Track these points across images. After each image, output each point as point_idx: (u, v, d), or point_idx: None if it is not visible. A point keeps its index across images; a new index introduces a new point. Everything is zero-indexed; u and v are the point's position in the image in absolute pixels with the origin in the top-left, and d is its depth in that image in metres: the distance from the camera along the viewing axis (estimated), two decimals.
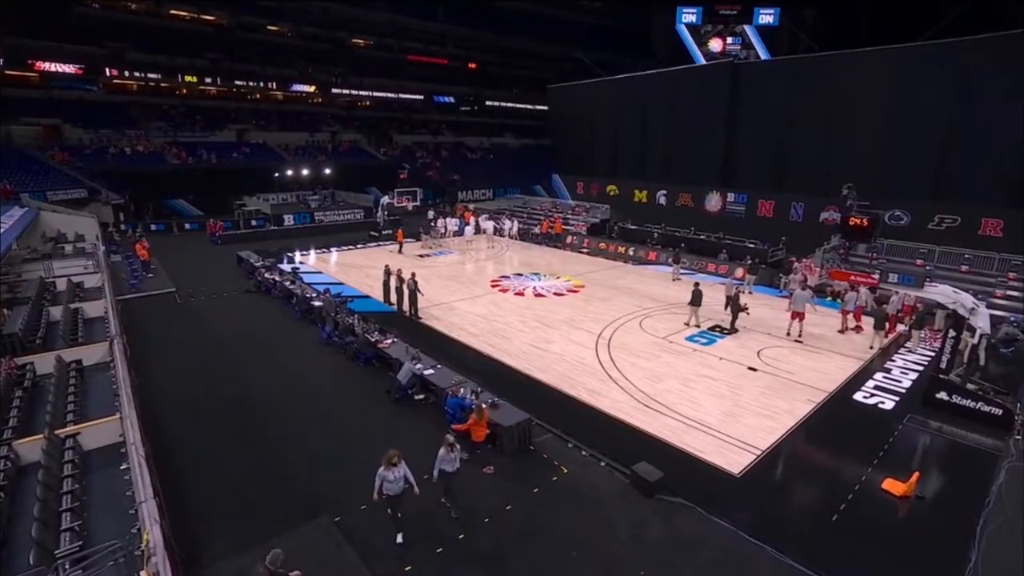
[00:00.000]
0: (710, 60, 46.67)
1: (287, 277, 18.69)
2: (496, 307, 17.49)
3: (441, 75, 61.75)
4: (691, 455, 9.33)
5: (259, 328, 15.36)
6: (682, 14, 48.46)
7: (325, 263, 23.79)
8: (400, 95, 60.93)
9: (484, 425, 8.66)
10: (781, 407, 11.15)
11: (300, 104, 52.66)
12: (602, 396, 11.35)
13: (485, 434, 8.72)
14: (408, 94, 61.34)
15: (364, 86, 57.25)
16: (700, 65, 44.01)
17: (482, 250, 26.91)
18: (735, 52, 52.38)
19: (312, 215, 33.44)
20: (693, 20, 48.31)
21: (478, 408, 8.73)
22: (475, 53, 60.65)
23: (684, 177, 38.32)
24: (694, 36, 49.28)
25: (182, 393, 11.39)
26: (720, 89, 41.10)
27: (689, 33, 48.83)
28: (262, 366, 12.82)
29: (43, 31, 36.38)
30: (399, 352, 12.02)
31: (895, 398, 11.64)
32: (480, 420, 8.59)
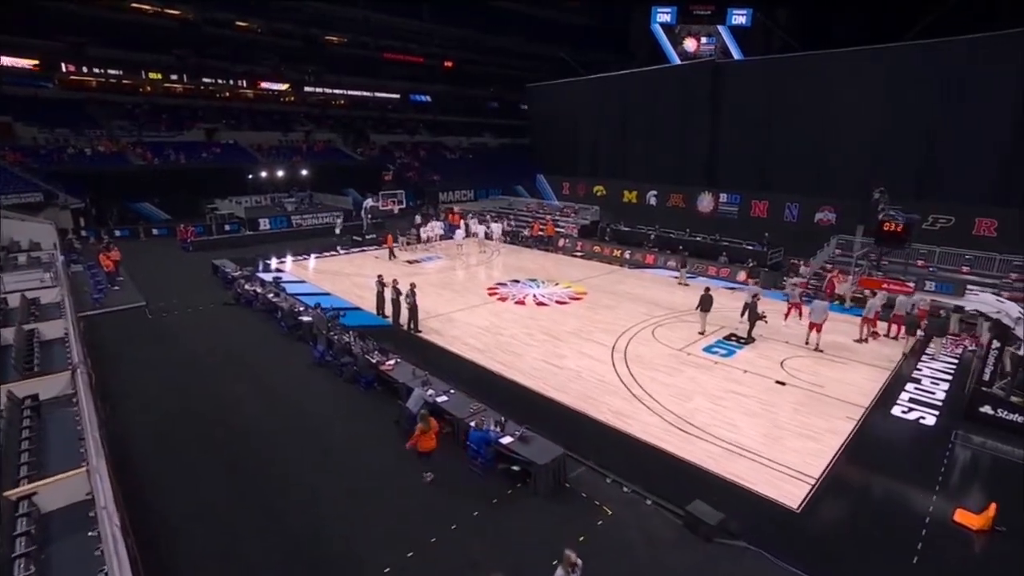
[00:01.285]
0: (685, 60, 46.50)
1: (269, 288, 17.26)
2: (498, 318, 16.43)
3: (418, 73, 60.28)
4: (740, 487, 8.46)
5: (242, 346, 13.96)
6: (656, 14, 48.14)
7: (307, 271, 22.32)
8: (376, 94, 59.34)
9: (433, 435, 8.24)
10: (820, 426, 10.40)
11: (272, 103, 50.59)
12: (630, 419, 10.41)
13: (434, 445, 8.28)
14: (384, 93, 59.76)
15: (339, 84, 55.49)
16: (681, 64, 43.69)
17: (472, 255, 25.78)
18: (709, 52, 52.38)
19: (289, 219, 31.79)
20: (668, 20, 48.00)
21: (423, 417, 8.25)
22: (452, 51, 59.26)
23: (667, 177, 37.88)
24: (669, 36, 49.02)
25: (160, 428, 10.01)
26: (701, 88, 40.90)
27: (664, 33, 48.56)
28: (250, 393, 11.48)
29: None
30: (405, 375, 10.85)
31: (934, 412, 11.02)
32: (428, 430, 8.15)
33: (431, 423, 8.27)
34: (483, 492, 8.20)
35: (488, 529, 7.46)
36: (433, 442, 8.29)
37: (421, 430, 8.19)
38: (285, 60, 49.39)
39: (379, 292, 16.13)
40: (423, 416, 8.31)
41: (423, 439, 8.21)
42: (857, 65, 32.58)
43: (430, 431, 8.22)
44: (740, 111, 38.69)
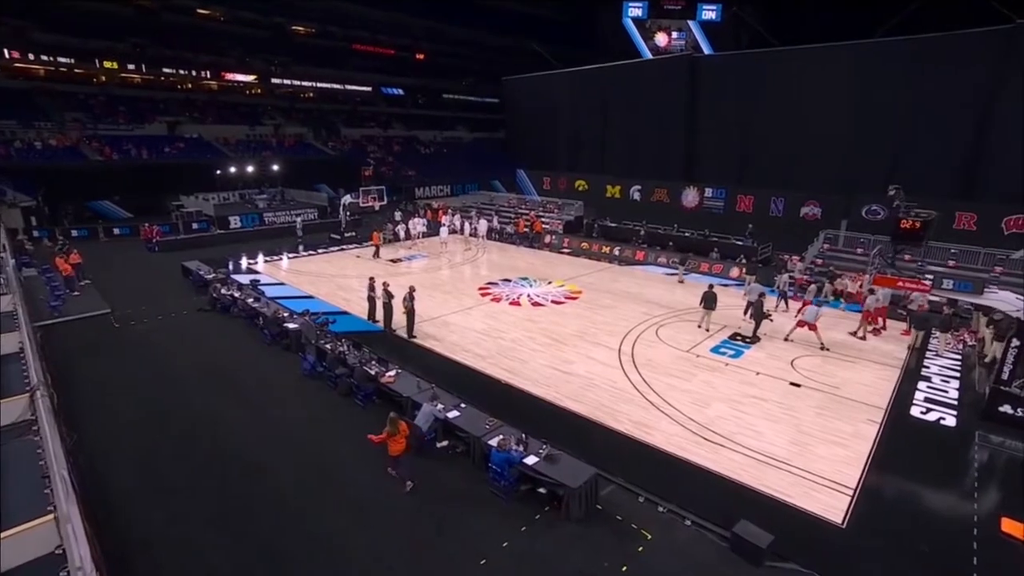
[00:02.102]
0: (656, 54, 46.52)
1: (249, 293, 16.09)
2: (495, 320, 15.69)
3: (389, 66, 58.61)
4: (778, 501, 7.99)
5: (223, 358, 12.84)
6: (628, 8, 47.95)
7: (285, 272, 21.06)
8: (346, 86, 57.56)
9: (402, 438, 7.83)
10: (845, 431, 10.06)
11: (238, 95, 48.38)
12: (652, 429, 9.85)
13: (403, 447, 7.88)
14: (355, 85, 57.98)
15: (307, 76, 53.54)
16: (658, 58, 43.59)
17: (457, 253, 24.91)
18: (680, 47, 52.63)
19: (261, 216, 30.25)
20: (639, 14, 47.88)
21: (392, 421, 7.84)
22: (423, 43, 57.82)
23: (647, 171, 37.84)
24: (640, 30, 48.95)
25: (136, 456, 8.95)
26: (679, 83, 40.93)
27: (636, 27, 48.43)
28: (236, 411, 10.47)
29: None
30: (408, 388, 10.04)
31: (952, 412, 10.83)
32: (396, 433, 7.75)
33: (400, 427, 7.84)
34: (508, 518, 7.51)
35: (522, 561, 6.77)
36: (403, 445, 7.88)
37: (389, 434, 7.77)
38: (251, 50, 47.27)
39: (370, 296, 15.16)
40: (392, 420, 7.87)
41: (393, 443, 7.82)
42: (829, 60, 33.01)
43: (399, 435, 7.81)
44: (718, 105, 38.84)
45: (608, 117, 45.88)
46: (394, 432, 7.76)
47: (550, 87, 50.93)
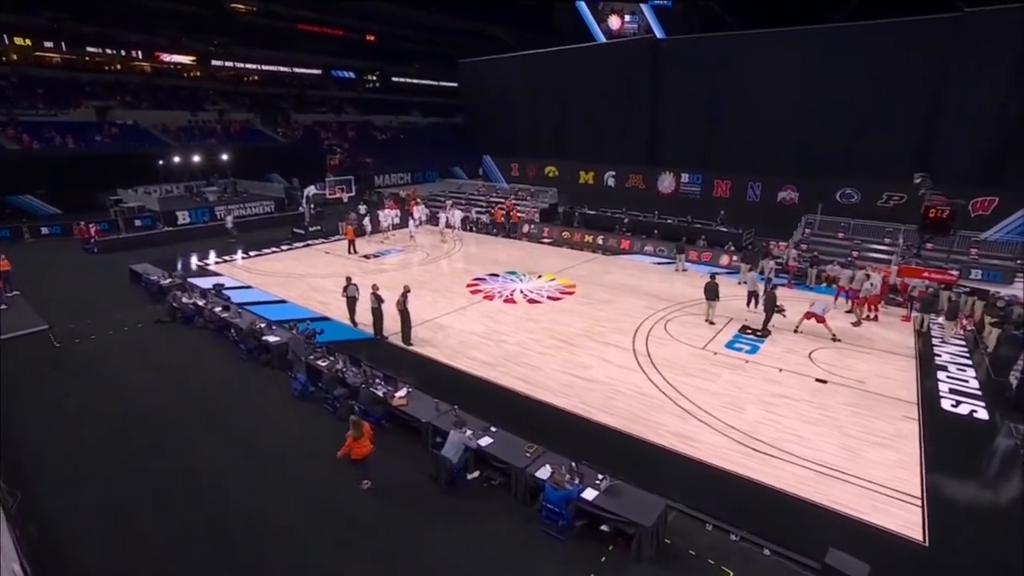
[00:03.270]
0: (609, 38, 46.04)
1: (214, 300, 14.29)
2: (492, 320, 14.58)
3: (338, 48, 55.47)
4: (850, 518, 7.38)
5: (195, 380, 11.17)
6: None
7: (249, 272, 19.10)
8: (294, 69, 54.09)
9: (367, 441, 7.55)
10: (887, 431, 9.63)
11: (175, 78, 44.47)
12: (695, 441, 9.09)
13: (369, 450, 7.60)
14: (303, 68, 54.58)
15: (251, 58, 49.83)
16: (619, 41, 43.00)
17: (432, 246, 23.48)
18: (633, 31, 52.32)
19: (212, 210, 27.69)
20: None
21: (355, 423, 7.50)
22: (375, 24, 54.96)
23: (610, 156, 37.45)
24: (593, 13, 48.25)
25: (106, 518, 7.38)
26: (641, 66, 40.60)
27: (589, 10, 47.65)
28: (224, 448, 8.97)
29: None
30: (426, 411, 8.84)
31: (980, 403, 10.64)
32: (360, 436, 7.43)
33: (363, 429, 7.51)
34: (571, 562, 6.55)
35: None
36: (368, 447, 7.58)
37: (353, 438, 7.43)
38: (187, 29, 43.36)
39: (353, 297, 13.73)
40: (355, 423, 7.52)
41: (358, 447, 7.49)
42: (786, 44, 33.37)
43: (363, 437, 7.48)
44: (680, 89, 38.83)
45: (569, 101, 45.14)
46: (358, 435, 7.43)
47: (508, 71, 49.64)
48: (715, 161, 33.56)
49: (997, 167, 28.17)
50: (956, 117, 29.36)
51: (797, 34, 33.27)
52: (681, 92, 39.05)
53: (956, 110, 29.30)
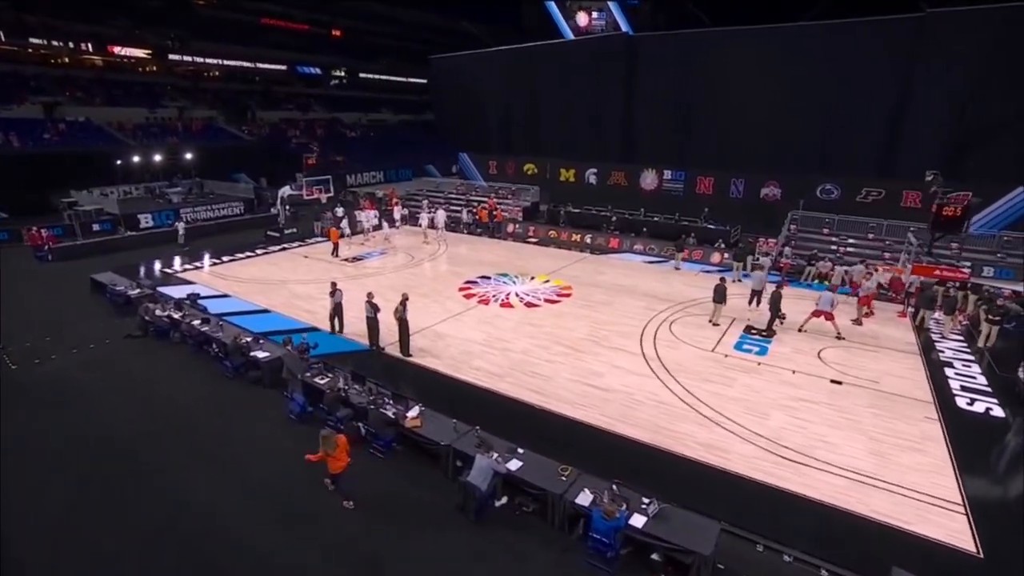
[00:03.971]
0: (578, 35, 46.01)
1: (192, 312, 13.20)
2: (491, 326, 13.95)
3: (303, 43, 53.56)
4: (897, 529, 7.10)
5: (177, 403, 10.17)
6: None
7: (224, 279, 17.88)
8: (258, 65, 51.95)
9: (343, 453, 7.20)
10: (911, 433, 9.47)
11: (129, 72, 42.02)
12: (725, 452, 8.69)
13: (345, 464, 7.26)
14: (267, 64, 52.51)
15: (211, 53, 47.62)
16: (593, 37, 42.85)
17: (418, 248, 22.62)
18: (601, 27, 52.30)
19: (177, 212, 26.10)
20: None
21: (326, 439, 7.13)
22: (341, 19, 53.35)
23: (584, 154, 37.25)
24: (561, 10, 48.12)
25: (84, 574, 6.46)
26: (616, 62, 40.45)
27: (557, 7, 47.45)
28: (213, 479, 8.08)
29: None
30: (443, 432, 8.16)
31: (993, 400, 10.64)
32: (333, 451, 7.08)
33: (337, 442, 7.15)
34: None
35: None
36: (344, 461, 7.26)
37: (326, 453, 7.12)
38: (142, 22, 41.02)
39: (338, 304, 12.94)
40: (325, 438, 7.16)
41: (333, 461, 7.18)
42: (757, 42, 33.77)
43: (337, 450, 7.13)
44: (655, 85, 38.85)
45: (543, 98, 44.71)
46: (331, 450, 7.09)
47: (480, 67, 48.81)
48: (689, 158, 33.64)
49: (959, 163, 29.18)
50: (922, 115, 30.22)
51: (769, 32, 33.63)
52: (655, 88, 39.08)
53: (922, 108, 30.16)
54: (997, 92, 27.95)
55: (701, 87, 36.38)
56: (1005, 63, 27.35)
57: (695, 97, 36.82)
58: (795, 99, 33.14)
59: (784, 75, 33.19)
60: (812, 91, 32.48)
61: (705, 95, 36.30)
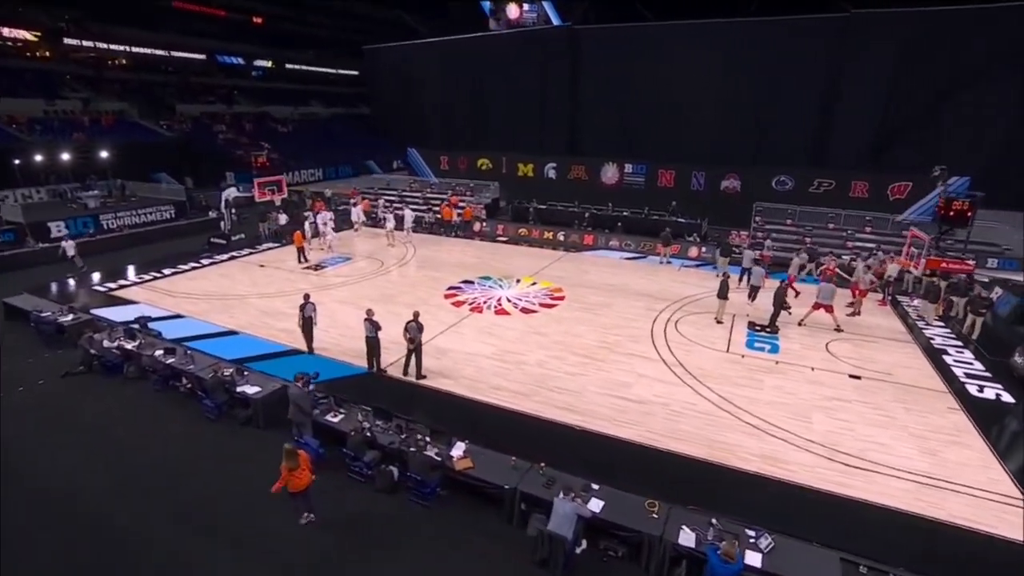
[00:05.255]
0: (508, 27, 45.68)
1: (151, 342, 11.24)
2: (495, 337, 12.97)
3: (223, 30, 49.26)
4: (982, 534, 6.96)
5: (148, 457, 8.44)
6: None
7: (172, 296, 15.59)
8: (171, 53, 47.20)
9: (305, 469, 6.71)
10: (944, 425, 9.57)
11: (14, 58, 36.63)
12: (784, 463, 8.30)
13: (308, 480, 6.78)
14: (183, 52, 47.85)
15: (115, 38, 42.64)
16: (536, 29, 42.46)
17: (383, 251, 21.05)
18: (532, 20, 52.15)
19: (96, 219, 22.90)
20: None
21: (289, 453, 6.57)
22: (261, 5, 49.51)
23: (532, 147, 36.79)
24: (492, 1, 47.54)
25: None
26: (560, 55, 40.20)
27: None
28: (220, 559, 6.63)
29: None
30: (498, 471, 7.17)
31: (997, 385, 11.02)
32: (296, 467, 6.57)
33: (299, 458, 6.63)
34: None
35: None
36: (307, 477, 6.77)
37: (288, 469, 6.59)
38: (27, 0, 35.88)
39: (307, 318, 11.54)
40: (288, 452, 6.59)
41: (295, 478, 6.65)
42: (696, 37, 34.67)
43: (300, 467, 6.62)
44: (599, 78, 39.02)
45: (486, 91, 43.80)
46: (294, 466, 6.59)
47: (419, 58, 47.06)
48: (637, 151, 33.92)
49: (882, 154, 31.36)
50: (851, 109, 32.13)
51: (709, 27, 34.50)
52: (600, 81, 39.24)
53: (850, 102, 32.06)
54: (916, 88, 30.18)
55: (644, 80, 36.81)
56: (922, 61, 29.53)
57: (640, 90, 37.23)
58: (735, 93, 34.33)
59: (724, 69, 34.25)
60: (750, 85, 33.76)
61: (649, 88, 36.78)
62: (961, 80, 29.03)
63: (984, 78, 28.32)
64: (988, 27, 27.53)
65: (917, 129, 31.14)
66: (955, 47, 28.63)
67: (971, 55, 28.33)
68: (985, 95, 28.49)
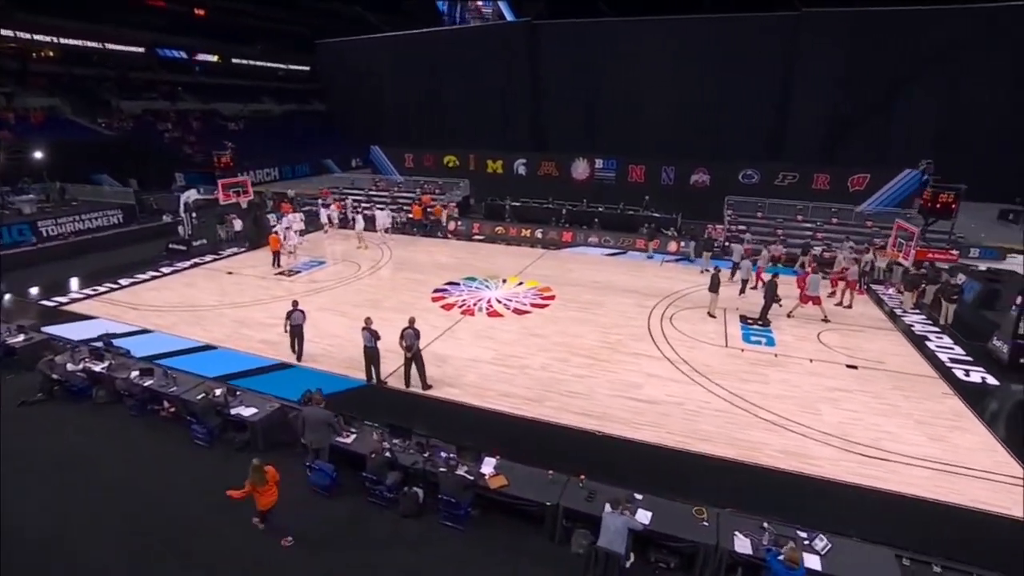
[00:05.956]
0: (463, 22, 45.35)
1: (123, 362, 10.22)
2: (493, 340, 12.57)
3: (162, 22, 46.31)
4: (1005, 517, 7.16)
5: (137, 494, 7.60)
6: None
7: (136, 309, 14.34)
8: (106, 45, 43.92)
9: (272, 486, 6.45)
10: (943, 411, 9.92)
11: None
12: (810, 458, 8.33)
13: (275, 498, 6.50)
14: (118, 44, 44.62)
15: (41, 28, 39.27)
16: (495, 23, 42.15)
17: (355, 254, 20.19)
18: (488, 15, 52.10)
19: (33, 226, 20.94)
20: None
21: (256, 469, 6.29)
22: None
23: (493, 143, 36.55)
24: None
25: None
26: (518, 51, 39.99)
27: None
28: None
29: None
30: (534, 486, 6.82)
31: (979, 368, 11.53)
32: (262, 484, 6.31)
33: (266, 474, 6.36)
34: None
35: None
36: (274, 495, 6.49)
37: (253, 486, 6.31)
38: None
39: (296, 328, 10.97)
40: (255, 468, 6.31)
41: (262, 495, 6.38)
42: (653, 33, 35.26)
43: (267, 484, 6.37)
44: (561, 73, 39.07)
45: (446, 86, 43.07)
46: (261, 482, 6.33)
47: (376, 53, 45.73)
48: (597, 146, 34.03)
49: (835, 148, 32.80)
50: (804, 104, 33.41)
51: (666, 23, 35.05)
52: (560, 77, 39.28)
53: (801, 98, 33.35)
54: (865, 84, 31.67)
55: (606, 76, 37.12)
56: (869, 58, 30.98)
57: (602, 86, 37.50)
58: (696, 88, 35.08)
59: (683, 65, 34.92)
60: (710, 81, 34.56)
61: (611, 84, 37.12)
62: (906, 77, 30.61)
63: (927, 74, 30.00)
64: (929, 27, 29.12)
65: (866, 123, 32.73)
66: (900, 46, 30.18)
67: (914, 53, 29.93)
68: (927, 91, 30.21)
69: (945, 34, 28.88)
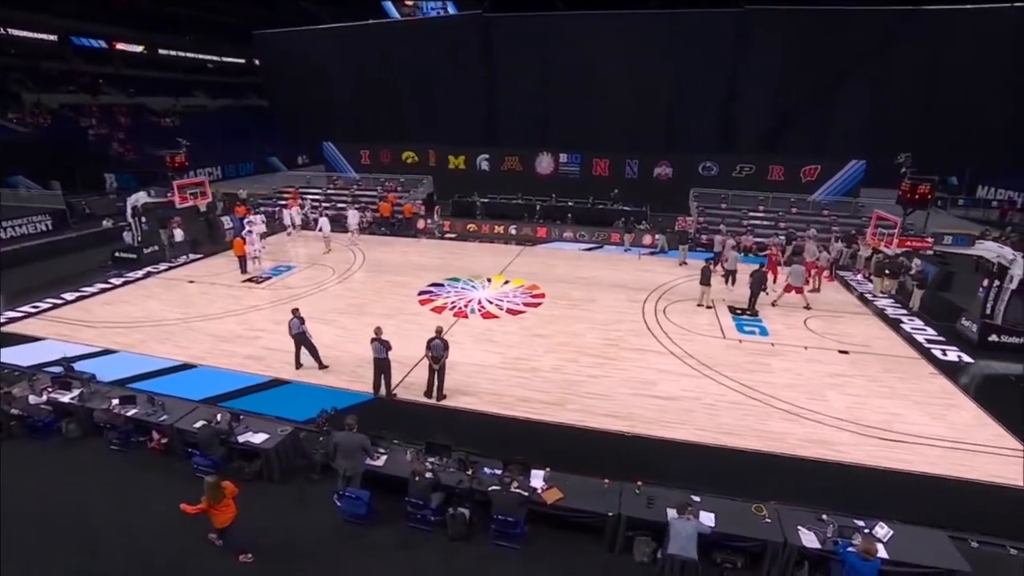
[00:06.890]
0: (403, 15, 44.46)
1: (100, 390, 9.13)
2: (495, 343, 12.24)
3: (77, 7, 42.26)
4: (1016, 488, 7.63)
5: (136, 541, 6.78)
6: None
7: (92, 327, 12.87)
8: (8, 31, 39.75)
9: (230, 501, 6.28)
10: (934, 390, 10.54)
11: None
12: (833, 445, 8.59)
13: (233, 515, 6.33)
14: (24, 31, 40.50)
15: None
16: (448, 16, 41.24)
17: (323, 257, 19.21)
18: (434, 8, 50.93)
19: None
20: None
21: (212, 485, 6.14)
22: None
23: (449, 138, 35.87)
24: None
25: None
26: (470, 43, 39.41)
27: None
28: None
29: None
30: (589, 497, 6.60)
31: (954, 348, 12.29)
32: (219, 501, 6.16)
33: (224, 489, 6.21)
34: None
35: None
36: (232, 512, 6.33)
37: (210, 504, 6.13)
38: None
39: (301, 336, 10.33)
40: (211, 485, 6.15)
41: (218, 513, 6.22)
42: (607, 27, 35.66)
43: (224, 500, 6.21)
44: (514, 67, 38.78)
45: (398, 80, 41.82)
46: (217, 500, 6.16)
47: (320, 46, 43.69)
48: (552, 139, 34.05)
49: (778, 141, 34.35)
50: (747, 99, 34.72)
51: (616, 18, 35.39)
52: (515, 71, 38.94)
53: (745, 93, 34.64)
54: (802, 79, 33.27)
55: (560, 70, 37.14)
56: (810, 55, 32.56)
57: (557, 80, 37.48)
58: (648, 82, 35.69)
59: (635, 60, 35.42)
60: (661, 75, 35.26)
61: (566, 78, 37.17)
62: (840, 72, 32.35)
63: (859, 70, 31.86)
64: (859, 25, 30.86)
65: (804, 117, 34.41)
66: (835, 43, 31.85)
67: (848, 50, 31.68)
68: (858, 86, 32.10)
69: (878, 32, 30.73)
